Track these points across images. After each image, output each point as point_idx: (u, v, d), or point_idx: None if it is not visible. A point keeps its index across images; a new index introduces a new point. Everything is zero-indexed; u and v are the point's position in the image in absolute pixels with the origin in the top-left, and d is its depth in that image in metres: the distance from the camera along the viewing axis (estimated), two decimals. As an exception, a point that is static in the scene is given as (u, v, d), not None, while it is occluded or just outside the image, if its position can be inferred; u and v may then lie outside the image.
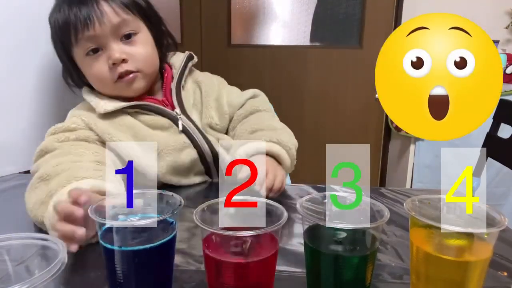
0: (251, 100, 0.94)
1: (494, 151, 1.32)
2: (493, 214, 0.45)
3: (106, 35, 0.77)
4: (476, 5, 2.32)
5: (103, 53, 0.79)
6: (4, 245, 0.38)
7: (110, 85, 0.81)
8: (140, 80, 0.82)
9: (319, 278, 0.46)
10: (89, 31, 0.76)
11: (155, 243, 0.43)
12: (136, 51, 0.80)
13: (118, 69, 0.79)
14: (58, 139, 0.76)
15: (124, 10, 0.79)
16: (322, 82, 2.47)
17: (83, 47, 0.79)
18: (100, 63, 0.79)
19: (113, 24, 0.77)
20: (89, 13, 0.76)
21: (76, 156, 0.71)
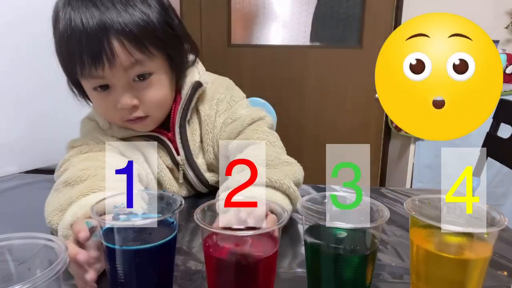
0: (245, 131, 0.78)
1: (494, 151, 1.32)
2: (493, 214, 0.45)
3: (116, 77, 0.66)
4: (476, 5, 2.32)
5: (112, 92, 0.68)
6: (5, 245, 0.38)
7: (119, 123, 0.74)
8: (150, 122, 0.74)
9: (319, 278, 0.46)
10: (97, 71, 0.65)
11: (156, 243, 0.43)
12: (149, 96, 0.70)
13: (127, 114, 0.70)
14: (81, 150, 0.72)
15: (139, 49, 0.66)
16: (322, 82, 2.47)
17: (90, 82, 0.69)
18: (108, 102, 0.69)
19: (125, 66, 0.65)
20: (98, 52, 0.63)
21: (103, 163, 0.67)
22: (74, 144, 0.75)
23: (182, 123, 0.78)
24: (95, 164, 0.67)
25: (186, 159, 0.78)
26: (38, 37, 1.15)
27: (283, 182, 0.63)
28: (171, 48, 0.72)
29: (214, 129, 0.80)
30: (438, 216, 0.49)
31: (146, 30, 0.66)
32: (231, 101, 0.82)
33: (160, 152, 0.78)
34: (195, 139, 0.79)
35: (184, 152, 0.78)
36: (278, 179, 0.63)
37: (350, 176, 0.45)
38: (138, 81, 0.68)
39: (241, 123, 0.78)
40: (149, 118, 0.73)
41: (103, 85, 0.68)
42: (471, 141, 1.98)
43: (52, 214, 0.60)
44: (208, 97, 0.80)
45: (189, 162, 0.79)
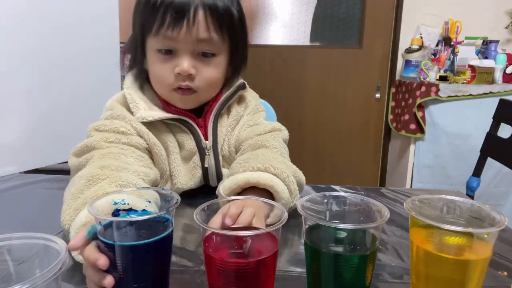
0: (263, 135, 0.82)
1: (494, 151, 1.32)
2: (493, 214, 0.45)
3: (186, 44, 0.71)
4: (476, 5, 2.32)
5: (174, 58, 0.73)
6: (4, 245, 0.38)
7: (166, 90, 0.76)
8: (196, 99, 0.78)
9: (319, 278, 0.46)
10: (173, 32, 0.70)
11: (151, 239, 0.43)
12: (205, 72, 0.74)
13: (180, 81, 0.74)
14: (107, 138, 0.72)
15: (217, 28, 0.72)
16: (322, 82, 2.47)
17: (159, 42, 0.72)
18: (167, 66, 0.73)
19: (198, 37, 0.71)
20: (182, 15, 0.69)
21: (124, 164, 0.68)
22: (99, 127, 0.74)
23: (217, 114, 0.82)
24: (116, 164, 0.67)
25: (212, 146, 0.81)
26: (39, 37, 1.15)
27: (284, 171, 0.68)
28: (238, 42, 0.78)
29: (237, 126, 0.86)
30: (438, 216, 0.49)
31: (228, 15, 0.73)
32: (255, 108, 0.89)
33: (185, 136, 0.80)
34: (223, 131, 0.84)
35: (212, 138, 0.81)
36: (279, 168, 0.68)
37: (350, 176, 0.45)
38: (202, 56, 0.74)
39: (263, 128, 0.84)
40: (196, 95, 0.77)
41: (168, 49, 0.72)
42: (471, 141, 1.99)
43: (66, 213, 0.59)
44: (240, 97, 0.88)
45: (214, 149, 0.82)
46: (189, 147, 0.79)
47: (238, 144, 0.84)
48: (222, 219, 0.49)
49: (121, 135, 0.74)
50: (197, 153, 0.80)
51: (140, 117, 0.75)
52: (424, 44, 2.26)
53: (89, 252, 0.44)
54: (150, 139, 0.76)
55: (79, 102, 1.31)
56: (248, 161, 0.70)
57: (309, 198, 0.50)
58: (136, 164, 0.70)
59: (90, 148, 0.71)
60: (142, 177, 0.68)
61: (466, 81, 2.10)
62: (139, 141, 0.75)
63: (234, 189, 0.67)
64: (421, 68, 2.17)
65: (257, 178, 0.66)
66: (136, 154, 0.73)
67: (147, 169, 0.71)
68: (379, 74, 2.45)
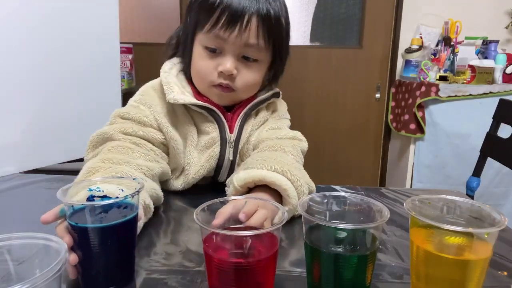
0: (282, 140, 0.83)
1: (494, 151, 1.32)
2: (493, 214, 0.45)
3: (234, 47, 0.75)
4: (476, 5, 2.32)
5: (218, 57, 0.77)
6: (5, 245, 0.38)
7: (206, 85, 0.80)
8: (232, 98, 0.82)
9: (319, 278, 0.46)
10: (225, 32, 0.73)
11: (116, 221, 0.47)
12: (245, 74, 0.78)
13: (221, 80, 0.77)
14: (125, 129, 0.75)
15: (266, 36, 0.76)
16: (322, 82, 2.47)
17: (208, 39, 0.76)
18: (211, 63, 0.77)
19: (248, 43, 0.75)
20: (237, 20, 0.72)
21: (127, 157, 0.70)
22: (123, 114, 0.78)
23: (247, 113, 0.85)
24: (119, 157, 0.69)
25: (235, 140, 0.83)
26: (39, 37, 1.15)
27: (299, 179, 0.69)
28: (282, 52, 0.83)
29: (261, 127, 0.88)
30: (438, 216, 0.49)
31: (278, 26, 0.78)
32: (281, 114, 0.93)
33: (209, 125, 0.81)
34: (248, 130, 0.85)
35: (237, 133, 0.84)
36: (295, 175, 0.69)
37: (350, 176, 0.45)
38: (244, 59, 0.78)
39: (285, 133, 0.86)
40: (233, 94, 0.80)
41: (213, 49, 0.76)
42: (471, 141, 1.99)
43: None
44: (270, 104, 0.91)
45: (235, 144, 0.84)
46: (212, 135, 0.81)
47: (257, 142, 0.85)
48: (232, 211, 0.50)
49: (139, 126, 0.77)
50: (218, 142, 0.81)
51: (172, 98, 0.78)
52: (424, 44, 2.26)
53: (58, 230, 0.51)
54: (168, 133, 0.78)
55: (79, 102, 1.31)
56: (266, 159, 0.71)
57: (309, 198, 0.50)
58: (141, 159, 0.73)
59: (106, 138, 0.75)
60: (143, 171, 0.70)
61: (466, 81, 2.10)
62: (155, 135, 0.78)
63: (248, 183, 0.68)
64: (421, 68, 2.17)
65: (272, 179, 0.66)
66: (144, 149, 0.75)
67: (152, 163, 0.74)
68: (379, 74, 2.45)
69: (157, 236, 0.66)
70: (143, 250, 0.60)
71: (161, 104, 0.81)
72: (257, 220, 0.51)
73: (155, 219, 0.73)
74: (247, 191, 0.70)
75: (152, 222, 0.71)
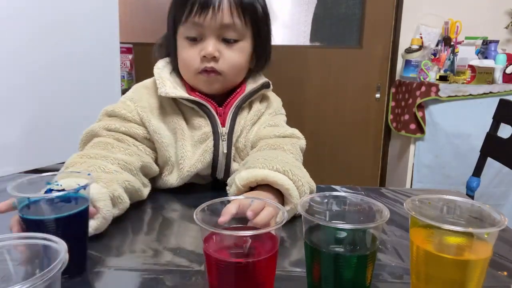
0: (281, 139, 0.84)
1: (494, 151, 1.32)
2: (493, 214, 0.45)
3: (211, 29, 0.78)
4: (476, 5, 2.32)
5: (199, 44, 0.80)
6: (4, 245, 0.38)
7: (192, 73, 0.82)
8: (219, 82, 0.82)
9: (319, 278, 0.46)
10: (199, 19, 0.77)
11: (67, 213, 0.50)
12: (228, 55, 0.80)
13: (206, 63, 0.79)
14: (108, 126, 0.79)
15: (240, 13, 0.79)
16: (322, 82, 2.47)
17: (186, 29, 0.80)
18: (193, 50, 0.80)
19: (223, 24, 0.77)
20: (208, 2, 0.76)
21: (106, 152, 0.74)
22: (110, 113, 0.82)
23: (239, 106, 0.86)
24: (97, 152, 0.73)
25: (227, 133, 0.84)
26: (39, 37, 1.15)
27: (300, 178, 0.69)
28: (261, 32, 0.84)
29: (257, 123, 0.88)
30: (438, 216, 0.49)
31: (251, 5, 0.80)
32: (277, 110, 0.93)
33: (201, 120, 0.82)
34: (241, 123, 0.86)
35: (229, 127, 0.84)
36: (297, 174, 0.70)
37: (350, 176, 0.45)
38: (225, 42, 0.80)
39: (283, 131, 0.86)
40: (220, 77, 0.81)
41: (194, 37, 0.80)
42: (471, 141, 1.99)
43: None
44: (264, 97, 0.92)
45: (229, 137, 0.84)
46: (204, 130, 0.82)
47: (255, 140, 0.86)
48: (238, 209, 0.50)
49: (122, 122, 0.80)
50: (211, 137, 0.82)
51: (164, 92, 0.80)
52: (424, 44, 2.26)
53: (11, 221, 0.55)
54: (151, 127, 0.80)
55: (79, 102, 1.31)
56: (267, 159, 0.72)
57: (309, 198, 0.50)
58: (121, 153, 0.76)
59: (92, 135, 0.79)
60: (120, 164, 0.72)
61: (466, 81, 2.10)
62: (137, 130, 0.80)
63: (250, 182, 0.69)
64: (421, 68, 2.17)
65: (275, 178, 0.67)
66: (125, 143, 0.78)
67: (132, 157, 0.76)
68: (379, 74, 2.45)
69: (156, 236, 0.66)
70: (143, 250, 0.60)
71: (149, 100, 0.84)
72: (264, 217, 0.52)
73: (154, 219, 0.73)
74: (249, 191, 0.70)
75: (151, 222, 0.71)
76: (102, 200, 0.62)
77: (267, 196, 0.67)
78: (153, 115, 0.82)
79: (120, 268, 0.55)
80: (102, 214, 0.62)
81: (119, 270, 0.55)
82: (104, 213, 0.62)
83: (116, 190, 0.67)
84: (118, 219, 0.70)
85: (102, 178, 0.67)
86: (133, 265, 0.56)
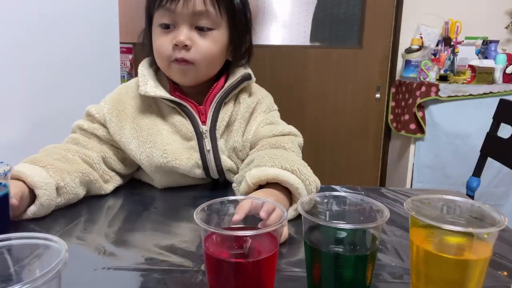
0: (281, 137, 0.84)
1: (494, 151, 1.32)
2: (493, 214, 0.45)
3: (184, 17, 0.77)
4: (476, 5, 2.32)
5: (172, 32, 0.78)
6: (4, 245, 0.38)
7: (166, 62, 0.81)
8: (192, 72, 0.81)
9: (319, 278, 0.46)
10: (171, 5, 0.76)
11: None
12: (201, 44, 0.78)
13: (177, 52, 0.78)
14: (81, 126, 0.84)
15: (214, 1, 0.77)
16: (322, 82, 2.47)
17: (159, 16, 0.79)
18: (165, 39, 0.79)
19: (196, 11, 0.76)
20: None
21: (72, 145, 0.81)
22: (89, 113, 0.86)
23: (220, 102, 0.84)
24: (65, 146, 0.81)
25: (209, 131, 0.83)
26: (39, 37, 1.15)
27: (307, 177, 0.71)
28: (237, 22, 0.82)
29: (252, 120, 0.87)
30: (438, 216, 0.49)
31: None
32: (270, 106, 0.92)
33: (182, 120, 0.83)
34: (225, 118, 0.84)
35: (210, 123, 0.83)
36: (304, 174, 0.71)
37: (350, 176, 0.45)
38: (198, 30, 0.78)
39: (281, 130, 0.85)
40: (193, 67, 0.79)
41: (167, 24, 0.78)
42: (471, 141, 1.99)
43: None
44: (252, 92, 0.90)
45: (211, 134, 0.83)
46: (186, 131, 0.82)
47: (255, 140, 0.85)
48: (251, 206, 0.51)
49: (90, 123, 0.85)
50: (195, 138, 0.82)
51: (143, 91, 0.81)
52: (424, 44, 2.26)
53: None
54: (112, 127, 0.83)
55: (79, 102, 1.31)
56: (273, 157, 0.73)
57: (309, 198, 0.50)
58: (84, 148, 0.81)
59: (71, 132, 0.86)
60: (81, 157, 0.79)
61: (466, 81, 2.10)
62: (100, 133, 0.84)
63: (261, 180, 0.69)
64: (421, 68, 2.17)
65: (285, 177, 0.68)
66: (90, 140, 0.83)
67: (92, 151, 0.81)
68: (379, 74, 2.45)
69: (156, 236, 0.66)
70: (143, 250, 0.60)
71: (127, 100, 0.85)
72: (275, 219, 0.51)
73: (154, 218, 0.73)
74: (258, 189, 0.70)
75: (151, 221, 0.71)
76: (42, 188, 0.68)
77: (277, 194, 0.68)
78: (124, 116, 0.83)
79: (120, 268, 0.55)
80: (39, 201, 0.67)
81: (119, 270, 0.55)
82: (42, 200, 0.68)
83: (63, 179, 0.72)
84: (118, 219, 0.70)
85: (54, 166, 0.73)
86: (133, 265, 0.56)
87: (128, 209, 0.76)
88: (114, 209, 0.77)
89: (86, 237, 0.64)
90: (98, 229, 0.67)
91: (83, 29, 1.34)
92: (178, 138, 0.83)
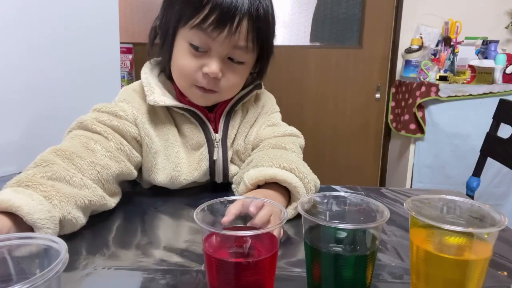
0: (282, 138, 0.83)
1: (494, 151, 1.32)
2: (493, 214, 0.45)
3: (222, 48, 0.71)
4: (476, 5, 2.32)
5: (204, 56, 0.72)
6: (4, 245, 0.38)
7: (187, 84, 0.76)
8: (214, 99, 0.80)
9: (319, 278, 0.46)
10: (212, 32, 0.69)
11: None
12: (230, 77, 0.76)
13: (205, 82, 0.74)
14: (99, 118, 0.73)
15: (255, 38, 0.73)
16: (322, 82, 2.47)
17: (192, 35, 0.71)
18: (194, 61, 0.73)
19: (236, 45, 0.72)
20: (226, 21, 0.68)
21: (84, 151, 0.68)
22: (100, 108, 0.76)
23: (231, 110, 0.84)
24: (73, 150, 0.67)
25: (221, 139, 0.82)
26: (39, 37, 1.15)
27: (306, 176, 0.70)
28: (267, 51, 0.80)
29: (255, 123, 0.87)
30: (438, 216, 0.49)
31: (266, 24, 0.75)
32: (271, 108, 0.91)
33: (193, 128, 0.81)
34: (234, 127, 0.84)
35: (222, 132, 0.82)
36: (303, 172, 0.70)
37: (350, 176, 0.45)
38: (230, 61, 0.75)
39: (283, 131, 0.85)
40: (216, 95, 0.78)
41: (198, 46, 0.72)
42: (471, 141, 1.99)
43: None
44: (257, 97, 0.90)
45: (223, 143, 0.83)
46: (197, 138, 0.81)
47: (257, 141, 0.85)
48: (241, 206, 0.50)
49: (114, 117, 0.74)
50: (205, 145, 0.81)
51: (152, 100, 0.76)
52: (424, 44, 2.26)
53: None
54: (144, 130, 0.76)
55: (79, 102, 1.31)
56: (272, 158, 0.72)
57: (309, 198, 0.50)
58: (101, 154, 0.69)
59: (81, 125, 0.73)
60: (98, 169, 0.67)
61: (466, 81, 2.10)
62: (129, 129, 0.75)
63: (259, 180, 0.69)
64: (421, 68, 2.17)
65: (283, 177, 0.68)
66: (110, 142, 0.72)
67: (111, 161, 0.70)
68: (379, 74, 2.45)
69: (156, 236, 0.66)
70: (143, 250, 0.60)
71: (141, 103, 0.79)
72: (262, 217, 0.51)
73: (154, 219, 0.73)
74: (256, 189, 0.70)
75: (151, 222, 0.71)
76: (44, 229, 0.55)
77: (274, 193, 0.68)
78: (146, 119, 0.78)
79: (119, 267, 0.55)
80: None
81: (118, 269, 0.55)
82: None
83: (70, 212, 0.60)
84: (118, 220, 0.70)
85: (60, 195, 0.60)
86: (133, 265, 0.56)
87: (128, 209, 0.76)
88: (114, 209, 0.77)
89: (86, 237, 0.64)
90: (98, 229, 0.67)
91: (83, 29, 1.34)
92: (188, 149, 0.81)
